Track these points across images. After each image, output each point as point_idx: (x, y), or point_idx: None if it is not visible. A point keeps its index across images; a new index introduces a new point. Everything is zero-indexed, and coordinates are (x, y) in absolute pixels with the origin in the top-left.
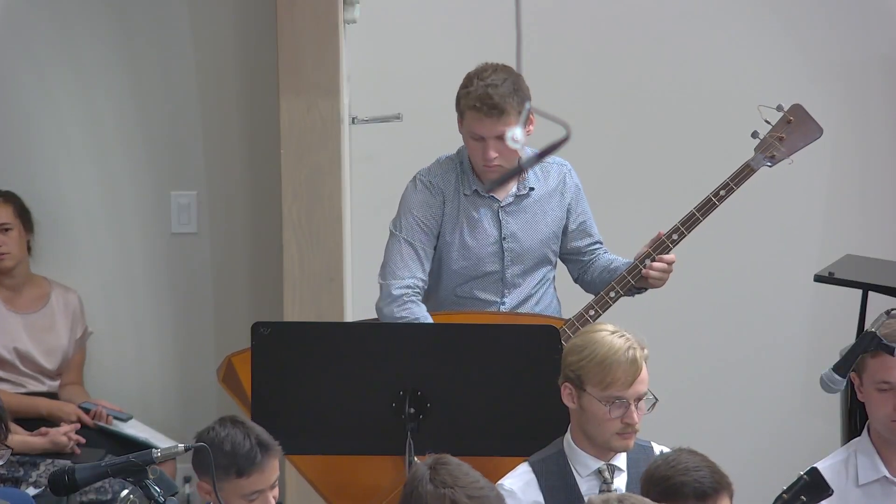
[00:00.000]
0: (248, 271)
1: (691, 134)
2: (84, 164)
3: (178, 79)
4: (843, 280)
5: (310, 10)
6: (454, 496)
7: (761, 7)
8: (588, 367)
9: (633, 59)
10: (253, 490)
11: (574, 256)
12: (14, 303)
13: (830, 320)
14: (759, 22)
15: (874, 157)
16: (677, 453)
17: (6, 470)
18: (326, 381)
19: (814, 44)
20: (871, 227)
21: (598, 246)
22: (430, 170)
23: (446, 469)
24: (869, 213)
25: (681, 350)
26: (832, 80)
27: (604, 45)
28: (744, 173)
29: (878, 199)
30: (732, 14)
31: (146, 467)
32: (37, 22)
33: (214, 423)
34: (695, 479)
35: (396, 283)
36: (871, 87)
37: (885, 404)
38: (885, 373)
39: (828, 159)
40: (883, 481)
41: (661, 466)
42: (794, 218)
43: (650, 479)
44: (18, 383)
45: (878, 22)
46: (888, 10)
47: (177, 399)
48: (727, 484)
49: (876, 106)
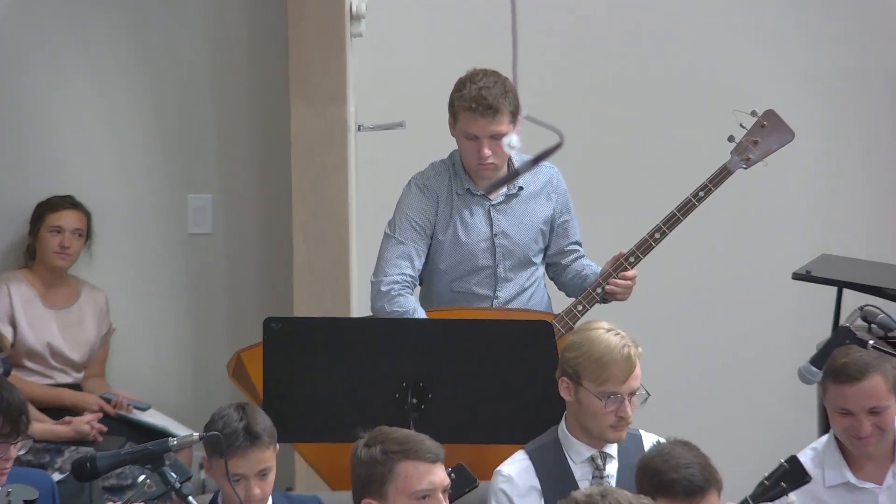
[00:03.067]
0: (259, 270)
1: (674, 138)
2: (107, 172)
3: (194, 89)
4: (819, 278)
5: (319, 24)
6: (384, 447)
7: (740, 21)
8: (585, 363)
9: (621, 70)
10: (234, 472)
11: (552, 258)
12: (48, 299)
13: (808, 316)
14: (738, 36)
15: (848, 163)
16: (672, 446)
17: (33, 456)
18: (334, 372)
19: (789, 51)
20: (846, 229)
21: (575, 247)
22: (424, 173)
23: (378, 432)
24: (844, 215)
25: (671, 346)
26: (806, 88)
27: (592, 58)
28: (721, 175)
29: (853, 202)
30: (717, 29)
31: (163, 455)
32: (64, 44)
33: (227, 405)
34: (685, 476)
35: (385, 279)
36: (843, 95)
37: (844, 424)
38: (842, 401)
39: (804, 165)
40: (848, 486)
41: (655, 459)
42: (774, 220)
43: (644, 470)
44: (47, 375)
45: (848, 32)
46: (858, 20)
47: (192, 390)
48: (716, 480)
49: (850, 112)
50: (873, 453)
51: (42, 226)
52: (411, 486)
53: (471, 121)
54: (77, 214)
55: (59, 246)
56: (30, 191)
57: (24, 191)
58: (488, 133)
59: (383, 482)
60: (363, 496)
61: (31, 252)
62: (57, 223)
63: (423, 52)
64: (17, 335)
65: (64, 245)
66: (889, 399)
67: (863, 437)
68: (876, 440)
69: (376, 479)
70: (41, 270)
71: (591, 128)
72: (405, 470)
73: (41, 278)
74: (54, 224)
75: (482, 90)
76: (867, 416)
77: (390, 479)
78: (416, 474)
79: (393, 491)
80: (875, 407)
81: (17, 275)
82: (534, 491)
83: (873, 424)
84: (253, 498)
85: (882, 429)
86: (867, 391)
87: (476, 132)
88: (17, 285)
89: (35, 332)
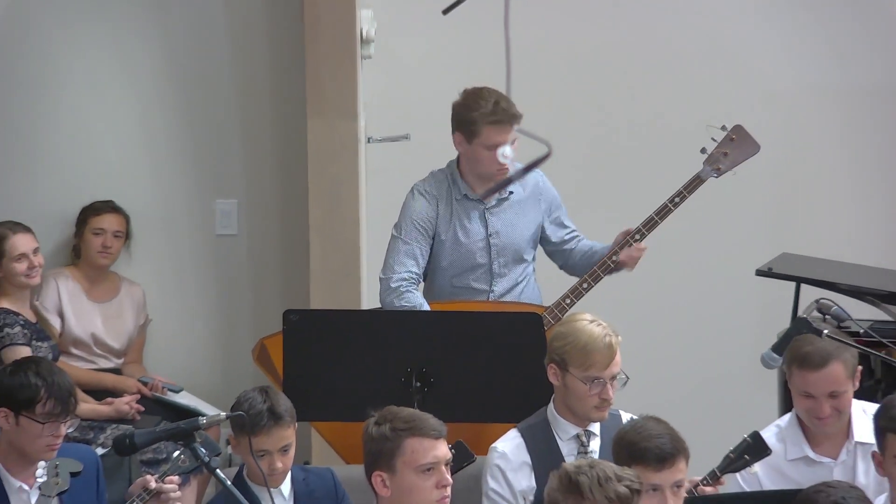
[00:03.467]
0: (279, 267)
1: (654, 149)
2: (144, 179)
3: (221, 105)
4: (779, 274)
5: (332, 47)
6: (393, 425)
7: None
8: (571, 351)
9: (608, 87)
10: (258, 448)
11: (557, 247)
12: (92, 293)
13: (769, 308)
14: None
15: (807, 171)
16: (644, 420)
17: (79, 433)
18: (346, 359)
19: (755, 69)
20: (804, 230)
21: (575, 234)
22: (425, 181)
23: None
24: (802, 218)
25: (647, 336)
26: (770, 103)
27: (581, 73)
28: (694, 183)
29: (811, 205)
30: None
31: (194, 432)
32: (106, 65)
33: (251, 389)
34: (656, 445)
35: (394, 276)
36: (804, 109)
37: (805, 406)
38: (805, 386)
39: (767, 174)
40: (807, 459)
41: (629, 432)
42: (740, 223)
43: (619, 442)
44: (91, 361)
45: (811, 51)
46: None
47: (220, 373)
48: (684, 449)
49: (807, 125)
50: (830, 432)
51: (86, 228)
52: (417, 460)
53: (497, 132)
54: (117, 217)
55: (101, 246)
56: (74, 196)
57: (69, 197)
58: (510, 139)
59: (392, 456)
60: (374, 469)
61: (76, 251)
62: (99, 226)
63: (425, 72)
64: (65, 326)
65: (106, 245)
66: (847, 385)
67: (822, 418)
68: (833, 420)
69: (386, 453)
70: (86, 268)
71: (582, 146)
72: (412, 445)
73: (86, 275)
74: (97, 226)
75: (499, 103)
76: (827, 400)
77: (398, 453)
78: (421, 449)
79: (401, 464)
80: (834, 391)
81: (64, 271)
82: (525, 465)
83: (832, 407)
84: (275, 471)
85: (840, 411)
86: (828, 377)
87: (501, 140)
88: (64, 281)
89: (81, 324)
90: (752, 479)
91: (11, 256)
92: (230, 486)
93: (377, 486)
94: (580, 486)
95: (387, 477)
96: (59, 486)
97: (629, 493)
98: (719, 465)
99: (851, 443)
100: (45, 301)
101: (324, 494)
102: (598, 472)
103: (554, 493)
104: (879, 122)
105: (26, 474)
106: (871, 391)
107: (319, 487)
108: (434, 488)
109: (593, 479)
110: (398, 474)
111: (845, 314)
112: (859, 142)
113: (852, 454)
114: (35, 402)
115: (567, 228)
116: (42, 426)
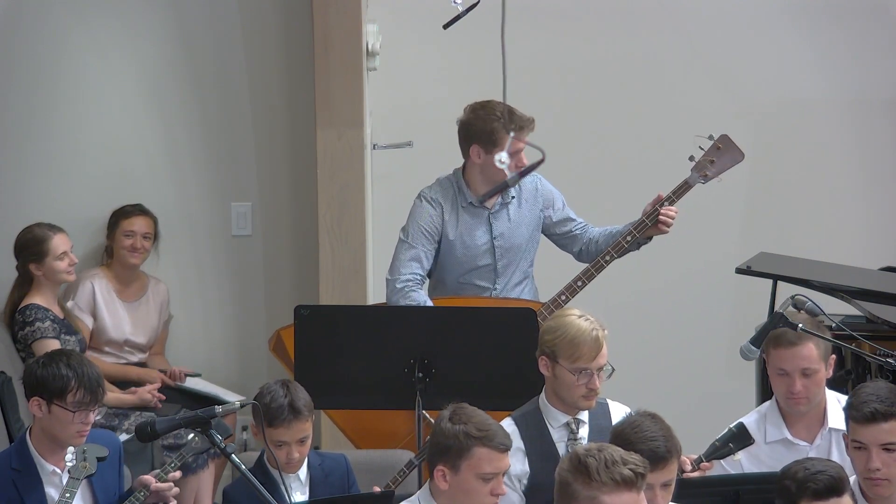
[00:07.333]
0: (291, 265)
1: (646, 156)
2: (166, 185)
3: (237, 115)
4: (757, 272)
5: (340, 60)
6: (466, 430)
7: (695, 62)
8: (560, 344)
9: (600, 98)
10: (278, 440)
11: (568, 238)
12: (123, 294)
13: (748, 303)
14: (694, 75)
15: (783, 175)
16: (642, 418)
17: (104, 420)
18: (353, 351)
19: (733, 83)
20: (781, 230)
21: (582, 223)
22: (431, 188)
23: (463, 411)
24: (779, 219)
25: (633, 329)
26: (748, 115)
27: (574, 84)
28: (682, 188)
29: (786, 207)
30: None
31: (210, 420)
32: (132, 80)
33: (273, 382)
34: (650, 448)
35: (400, 278)
36: (777, 121)
37: (782, 385)
38: (780, 362)
39: (746, 178)
40: (785, 441)
41: (626, 429)
42: (721, 224)
43: (616, 439)
44: (120, 356)
45: (782, 66)
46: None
47: (236, 363)
48: (677, 449)
49: (785, 135)
50: (804, 412)
51: (117, 230)
52: (482, 468)
53: (518, 138)
54: (146, 220)
55: (131, 247)
56: (104, 202)
57: (100, 202)
58: None
59: (459, 457)
60: (438, 461)
61: (108, 252)
62: (130, 228)
63: (426, 83)
64: (98, 327)
65: (136, 246)
66: (819, 364)
67: (795, 394)
68: (805, 401)
69: (454, 452)
70: (117, 267)
71: (578, 156)
72: (480, 454)
73: (117, 275)
74: (128, 229)
75: (514, 112)
76: (800, 377)
77: (466, 456)
78: (488, 459)
79: (465, 467)
80: (807, 369)
81: (97, 272)
82: (519, 451)
83: (804, 385)
84: (293, 460)
85: (812, 390)
86: (801, 354)
87: (521, 146)
88: (99, 282)
89: (114, 325)
90: (735, 465)
91: (55, 255)
92: (244, 471)
93: (437, 477)
94: (588, 468)
95: (449, 473)
96: (87, 470)
97: (633, 476)
98: (705, 452)
99: (826, 428)
100: (80, 301)
101: (337, 479)
102: (606, 456)
103: (564, 472)
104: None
105: (57, 458)
106: (843, 381)
107: (334, 472)
108: (489, 494)
109: (601, 462)
110: (460, 474)
111: (819, 309)
112: (835, 150)
113: (827, 439)
114: (66, 392)
115: (574, 221)
116: (73, 414)
